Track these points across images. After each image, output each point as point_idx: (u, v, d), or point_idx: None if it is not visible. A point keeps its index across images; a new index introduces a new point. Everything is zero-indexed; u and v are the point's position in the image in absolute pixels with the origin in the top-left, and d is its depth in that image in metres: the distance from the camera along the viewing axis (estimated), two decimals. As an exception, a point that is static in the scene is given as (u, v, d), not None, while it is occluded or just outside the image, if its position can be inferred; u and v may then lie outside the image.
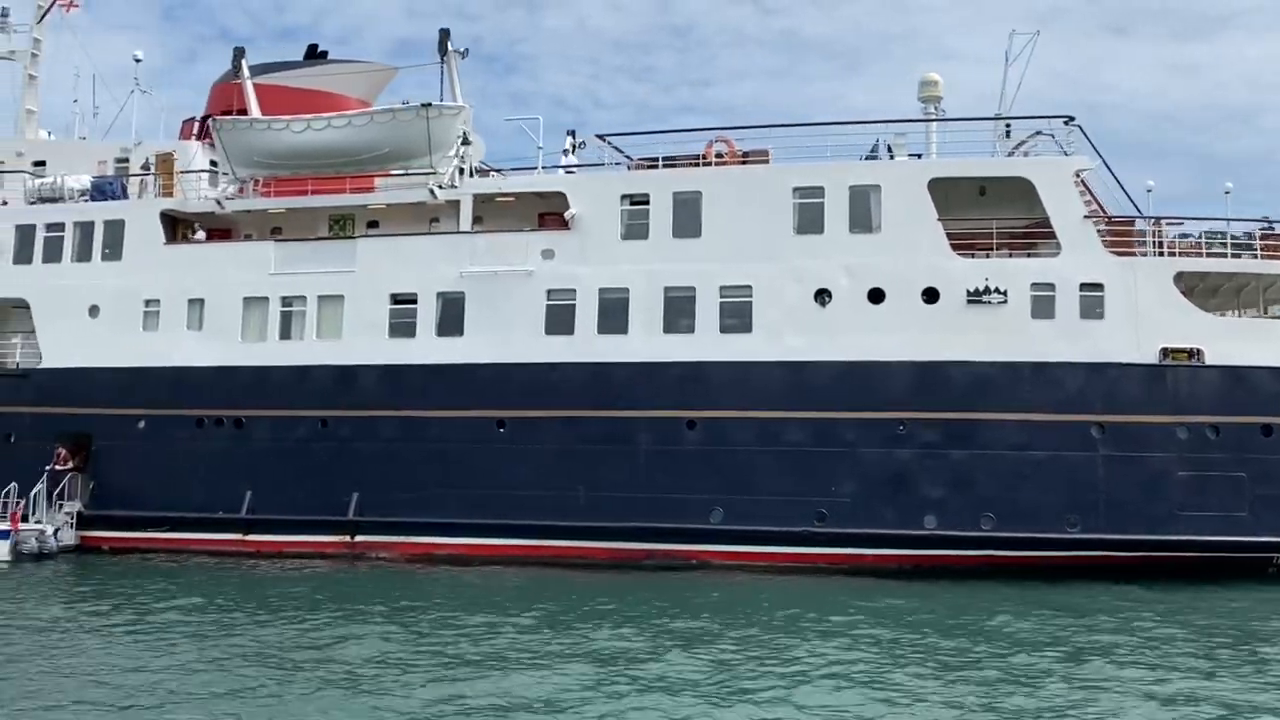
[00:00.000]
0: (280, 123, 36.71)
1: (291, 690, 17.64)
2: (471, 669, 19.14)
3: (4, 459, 36.77)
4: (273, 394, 35.62)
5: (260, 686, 17.81)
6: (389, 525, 34.30)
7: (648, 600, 26.41)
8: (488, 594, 27.87)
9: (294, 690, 17.65)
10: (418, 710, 16.53)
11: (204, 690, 17.52)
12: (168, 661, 19.66)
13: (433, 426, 34.30)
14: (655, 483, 32.61)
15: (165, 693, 17.31)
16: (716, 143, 34.22)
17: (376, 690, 17.64)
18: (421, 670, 19.08)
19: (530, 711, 16.48)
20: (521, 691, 17.37)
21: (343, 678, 18.46)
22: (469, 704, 16.79)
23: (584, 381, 33.39)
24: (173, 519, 35.66)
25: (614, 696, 17.24)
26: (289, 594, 27.75)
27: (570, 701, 16.92)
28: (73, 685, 17.88)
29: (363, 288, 35.44)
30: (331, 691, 17.52)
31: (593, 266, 33.79)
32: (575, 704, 16.82)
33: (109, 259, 37.83)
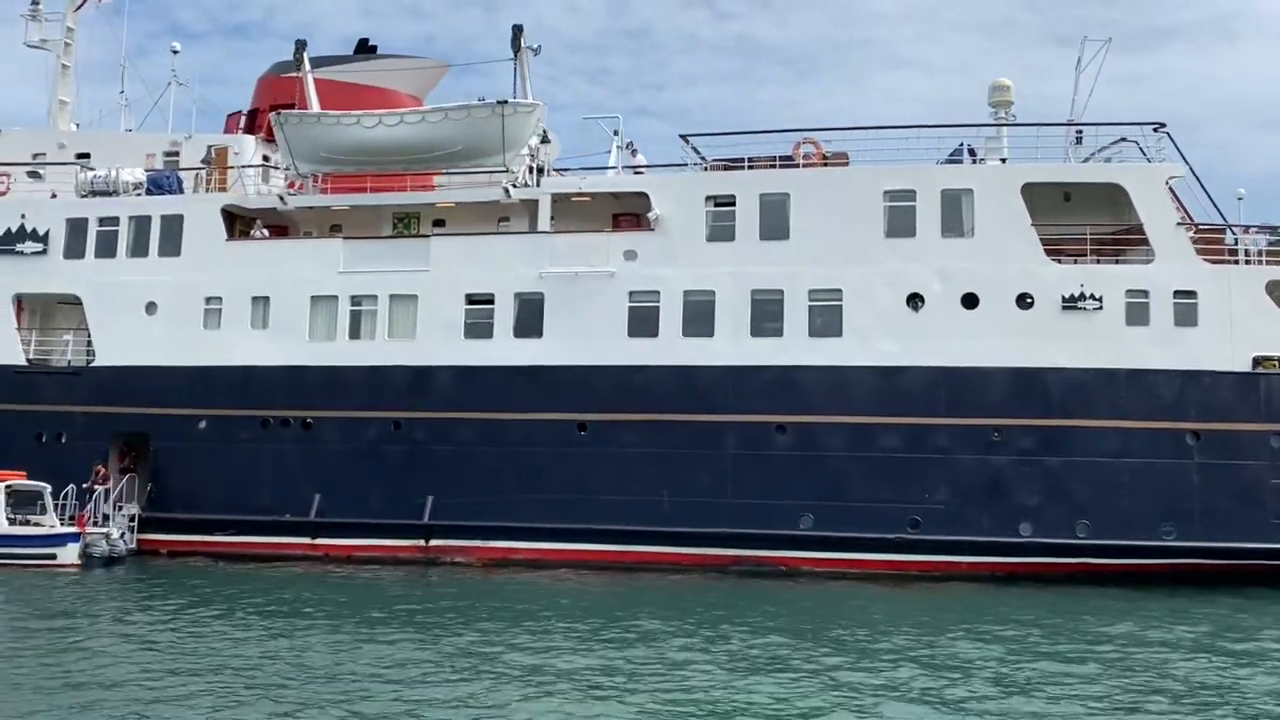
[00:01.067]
0: (350, 118, 35.90)
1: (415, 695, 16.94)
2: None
3: (55, 459, 35.60)
4: (343, 395, 34.81)
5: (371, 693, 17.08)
6: (465, 529, 33.57)
7: (767, 606, 25.85)
8: (606, 599, 27.20)
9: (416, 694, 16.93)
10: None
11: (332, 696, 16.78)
12: (282, 668, 18.83)
13: (511, 429, 33.65)
14: (743, 488, 32.16)
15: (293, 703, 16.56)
16: (804, 144, 33.79)
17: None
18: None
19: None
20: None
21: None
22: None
23: (669, 385, 32.88)
24: (238, 522, 34.63)
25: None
26: (394, 599, 26.97)
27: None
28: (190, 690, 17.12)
29: (437, 287, 34.71)
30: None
31: (677, 268, 33.29)
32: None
33: (167, 255, 36.81)
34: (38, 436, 36.68)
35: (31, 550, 31.49)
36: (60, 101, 43.70)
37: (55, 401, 36.72)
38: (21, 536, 31.73)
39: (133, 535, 34.90)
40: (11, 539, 31.65)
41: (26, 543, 31.61)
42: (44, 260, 37.67)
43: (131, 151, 39.92)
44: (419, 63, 42.82)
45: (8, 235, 38.01)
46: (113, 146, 40.36)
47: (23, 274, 37.82)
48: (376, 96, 40.77)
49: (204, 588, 28.41)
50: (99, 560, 32.12)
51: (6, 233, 38.02)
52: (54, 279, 37.67)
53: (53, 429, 36.68)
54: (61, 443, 36.55)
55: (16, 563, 31.45)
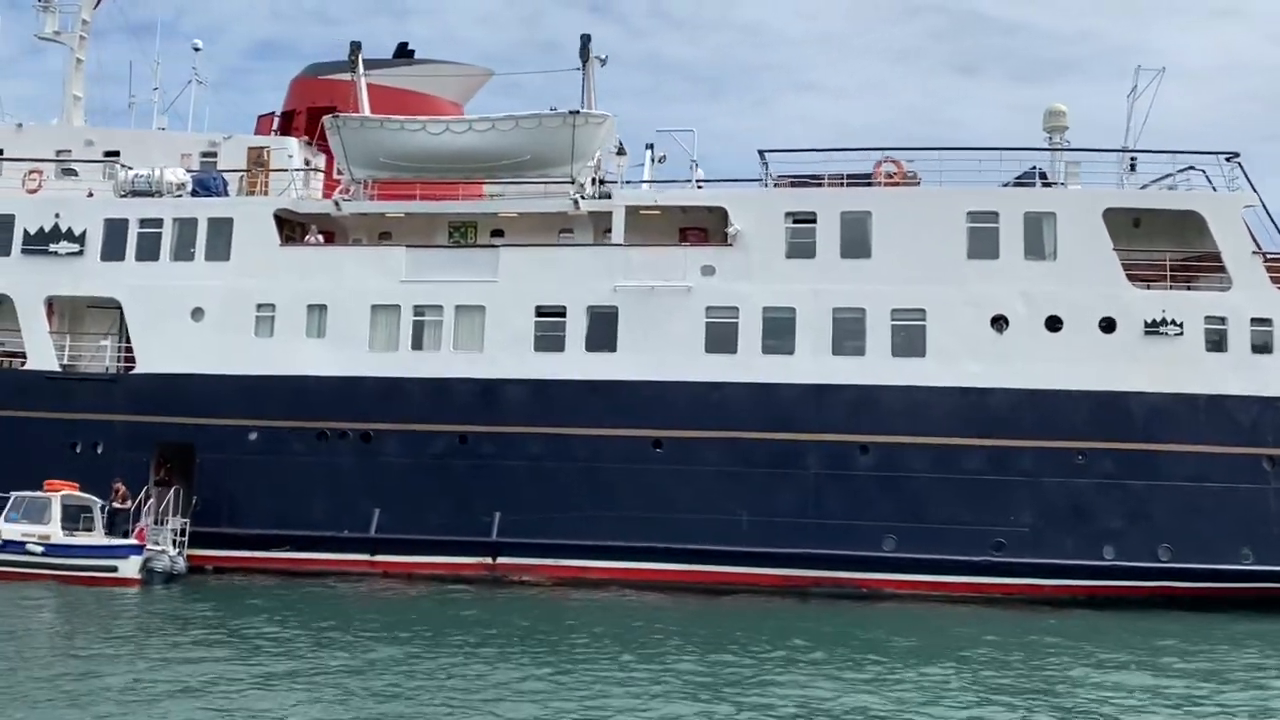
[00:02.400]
0: (415, 123, 34.97)
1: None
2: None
3: (91, 470, 34.01)
4: (405, 407, 33.76)
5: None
6: (534, 547, 32.72)
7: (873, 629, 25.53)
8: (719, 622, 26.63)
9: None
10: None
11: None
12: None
13: (583, 444, 32.91)
14: (824, 508, 31.82)
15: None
16: (885, 163, 33.66)
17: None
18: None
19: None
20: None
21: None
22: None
23: (748, 402, 32.44)
24: (292, 538, 33.36)
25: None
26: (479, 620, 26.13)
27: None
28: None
29: (506, 298, 33.88)
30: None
31: (756, 284, 32.91)
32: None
33: (214, 259, 35.45)
34: (72, 445, 35.04)
35: (92, 561, 30.01)
36: (74, 97, 42.07)
37: (92, 409, 35.11)
38: (82, 546, 30.26)
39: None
40: (72, 549, 30.16)
41: (87, 553, 30.16)
42: (80, 261, 36.07)
43: (166, 151, 38.46)
44: (462, 69, 41.96)
45: (40, 235, 36.35)
46: (145, 145, 38.86)
47: (56, 275, 36.18)
48: (418, 102, 39.95)
49: (279, 608, 27.16)
50: (160, 576, 30.65)
51: (39, 232, 36.37)
52: (90, 281, 36.07)
53: (89, 438, 35.06)
54: (98, 452, 34.96)
55: (74, 574, 29.97)
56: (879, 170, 33.61)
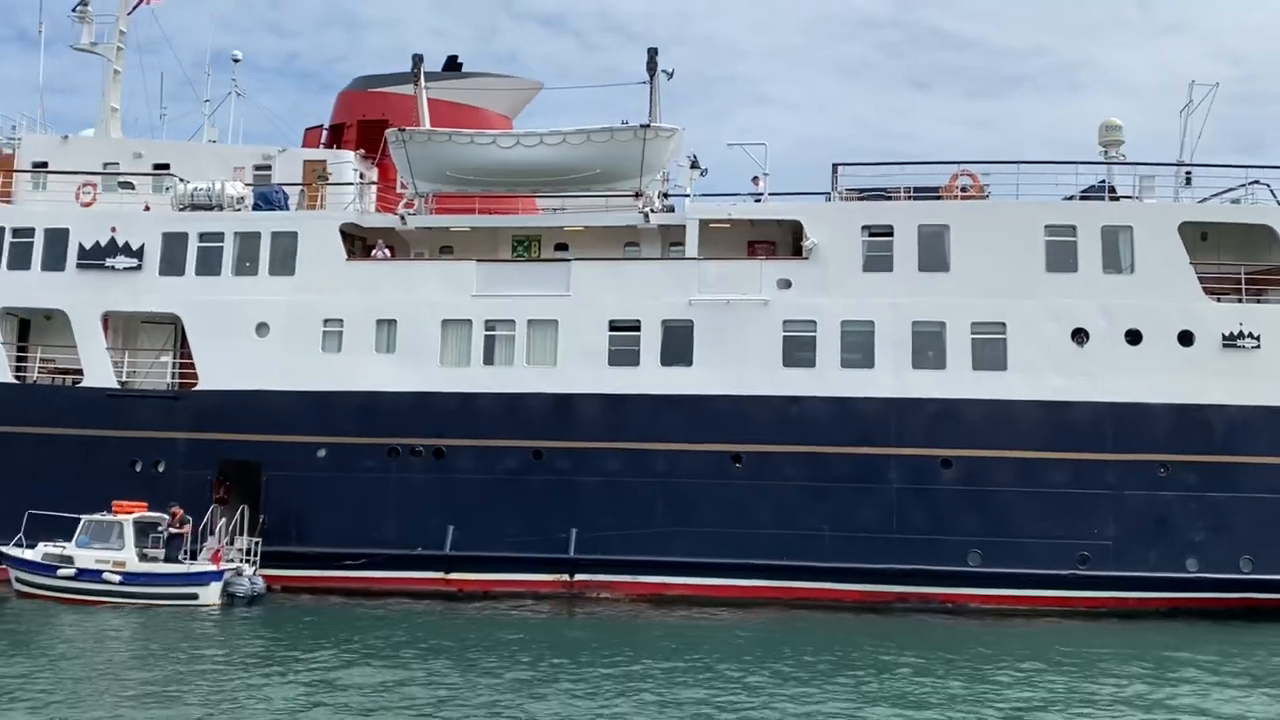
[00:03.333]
0: (485, 137, 34.64)
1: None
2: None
3: (152, 488, 33.37)
4: (478, 422, 33.37)
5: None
6: (612, 564, 32.39)
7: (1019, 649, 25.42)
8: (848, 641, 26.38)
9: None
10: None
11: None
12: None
13: (661, 459, 32.66)
14: (908, 523, 31.70)
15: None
16: (961, 176, 33.67)
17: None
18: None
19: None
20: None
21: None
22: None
23: (828, 416, 32.29)
24: (367, 556, 32.85)
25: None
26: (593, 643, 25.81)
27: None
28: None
29: (578, 313, 33.58)
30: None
31: (833, 298, 32.80)
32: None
33: (279, 274, 34.93)
34: (131, 464, 34.36)
35: (174, 590, 29.34)
36: (112, 109, 41.37)
37: (153, 427, 34.47)
38: (163, 575, 29.62)
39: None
40: (153, 577, 29.52)
41: (169, 581, 29.51)
42: (137, 276, 35.42)
43: (218, 164, 37.90)
44: (513, 82, 41.66)
45: (96, 249, 35.68)
46: (196, 158, 38.28)
47: (112, 290, 35.52)
48: (468, 115, 39.59)
49: (371, 630, 26.71)
50: (242, 600, 30.01)
51: (95, 246, 35.69)
52: (148, 296, 35.43)
53: (149, 456, 34.42)
54: (158, 471, 34.32)
55: (155, 602, 29.31)
56: (954, 183, 33.60)
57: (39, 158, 38.97)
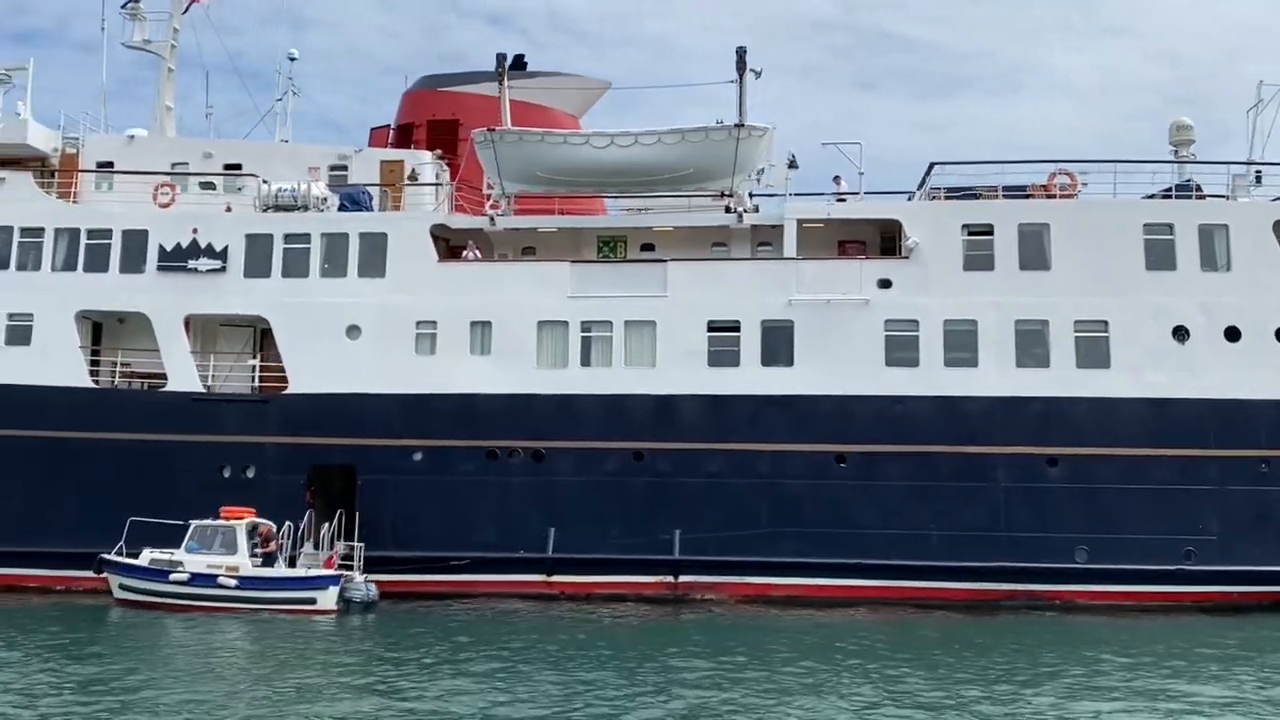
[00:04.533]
0: (579, 137, 34.40)
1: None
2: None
3: (241, 495, 32.81)
4: (577, 424, 33.12)
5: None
6: (717, 565, 32.26)
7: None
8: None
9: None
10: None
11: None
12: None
13: (764, 460, 32.57)
14: (1015, 521, 31.82)
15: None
16: (1059, 175, 33.84)
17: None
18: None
19: None
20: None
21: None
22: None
23: (933, 416, 32.35)
24: (466, 559, 32.49)
25: None
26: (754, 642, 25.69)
27: None
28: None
29: (676, 314, 33.43)
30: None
31: (935, 297, 32.86)
32: None
33: (368, 275, 34.48)
34: (220, 469, 33.79)
35: (291, 595, 28.86)
36: (166, 107, 40.72)
37: (242, 432, 33.90)
38: (281, 579, 29.12)
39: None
40: (270, 582, 29.00)
41: (286, 586, 29.01)
42: (221, 279, 34.83)
43: (292, 164, 37.31)
44: (581, 81, 41.39)
45: (178, 251, 35.05)
46: (269, 158, 37.68)
47: (195, 293, 34.92)
48: (537, 114, 39.27)
49: (501, 636, 26.39)
50: (358, 605, 29.56)
51: (176, 248, 35.06)
52: (234, 299, 34.86)
53: (238, 462, 33.84)
54: (247, 476, 33.76)
55: (270, 608, 28.83)
56: (1052, 182, 33.78)
57: (103, 158, 38.25)
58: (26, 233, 35.74)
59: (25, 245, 35.74)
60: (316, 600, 28.84)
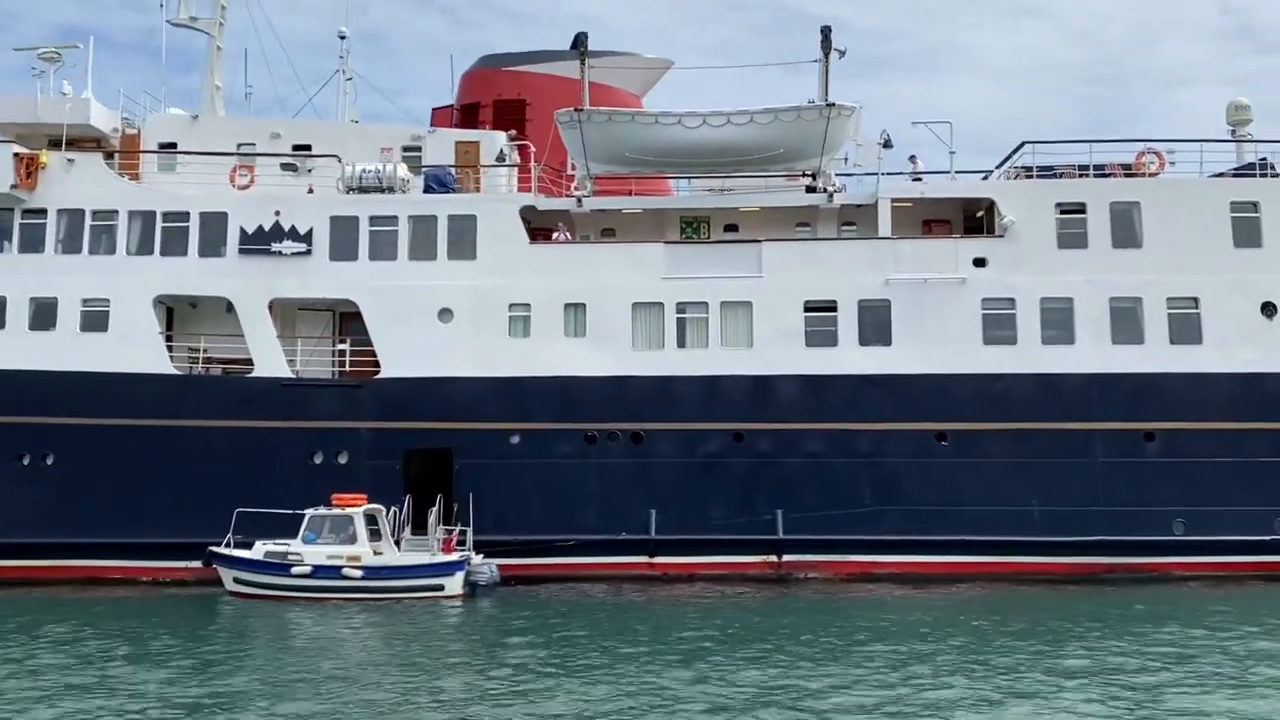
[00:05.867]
0: (670, 117, 34.14)
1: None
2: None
3: (334, 481, 32.41)
4: (675, 406, 33.10)
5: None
6: (819, 544, 32.46)
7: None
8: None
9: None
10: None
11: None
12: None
13: (864, 439, 32.79)
14: (1113, 495, 32.33)
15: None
16: (1147, 154, 34.30)
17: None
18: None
19: None
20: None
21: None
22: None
23: (1032, 393, 32.73)
24: (567, 542, 32.38)
25: None
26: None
27: None
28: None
29: (773, 294, 33.48)
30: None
31: (1031, 275, 33.21)
32: None
33: (458, 258, 34.11)
34: (311, 455, 33.32)
35: (420, 581, 28.59)
36: (216, 86, 39.90)
37: (335, 417, 33.44)
38: (409, 567, 28.84)
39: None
40: (397, 570, 28.72)
41: (414, 573, 28.74)
42: (306, 262, 34.26)
43: (363, 144, 36.74)
44: (643, 61, 41.13)
45: (260, 234, 34.41)
46: (339, 138, 37.05)
47: (280, 276, 34.32)
48: (601, 93, 38.96)
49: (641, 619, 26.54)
50: (485, 589, 29.35)
51: (259, 231, 34.41)
52: (320, 283, 34.32)
53: (331, 447, 33.39)
54: (340, 462, 33.33)
55: (398, 596, 28.56)
56: (1140, 160, 34.26)
57: (166, 138, 37.45)
58: (99, 215, 34.90)
59: (97, 229, 34.89)
60: (444, 586, 28.58)
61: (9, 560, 33.29)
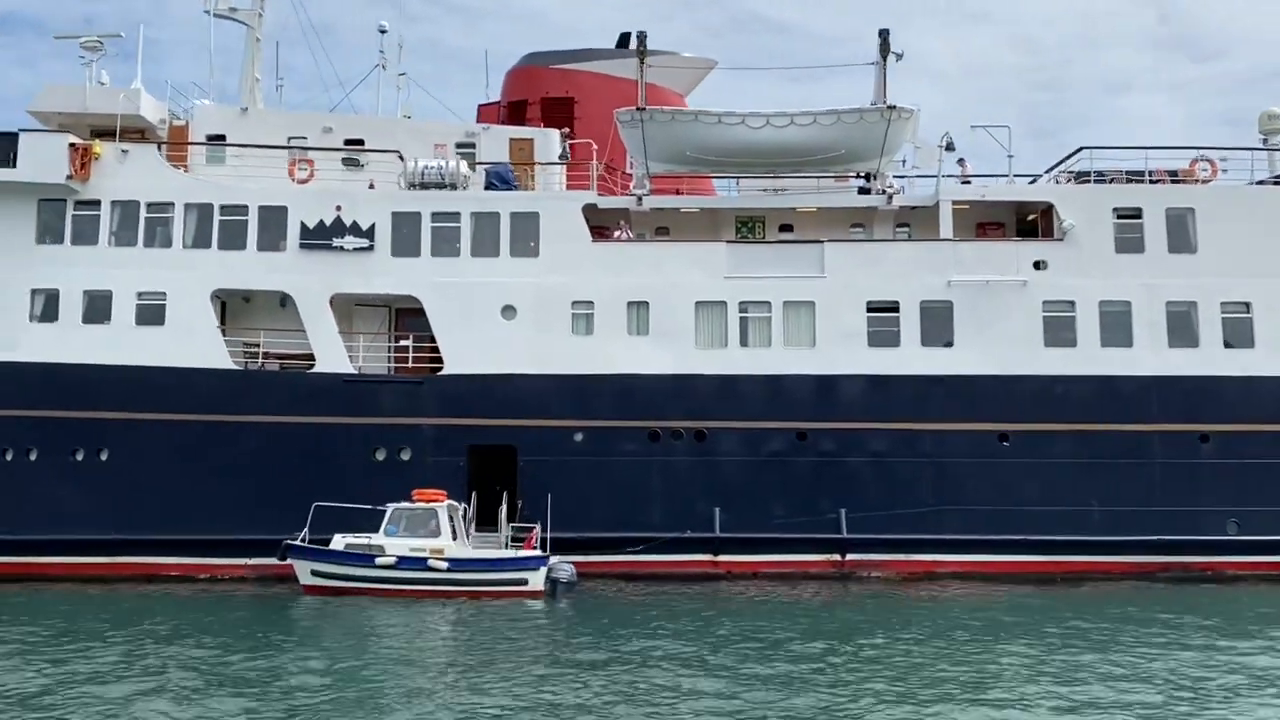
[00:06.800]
0: (734, 117, 34.26)
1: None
2: None
3: (396, 477, 32.33)
4: (739, 404, 33.30)
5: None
6: (883, 543, 32.79)
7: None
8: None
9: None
10: None
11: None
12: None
13: (926, 439, 33.14)
14: (1170, 496, 32.90)
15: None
16: (1200, 161, 34.92)
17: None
18: None
19: None
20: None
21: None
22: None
23: (1090, 395, 33.23)
24: (643, 541, 32.48)
25: None
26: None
27: None
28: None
29: (835, 294, 33.76)
30: None
31: (1090, 279, 33.72)
32: None
33: (521, 255, 34.11)
34: (372, 452, 33.19)
35: (505, 576, 28.60)
36: (255, 79, 39.57)
37: (398, 413, 33.33)
38: (495, 561, 28.82)
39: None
40: (483, 564, 28.69)
41: (500, 567, 28.72)
42: (368, 258, 34.12)
43: (417, 140, 36.64)
44: (687, 61, 41.25)
45: (321, 228, 34.21)
46: (392, 134, 36.94)
47: (341, 272, 34.15)
48: (653, 93, 38.81)
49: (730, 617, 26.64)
50: (565, 585, 29.35)
51: (320, 225, 34.21)
52: (382, 279, 34.18)
53: (393, 444, 33.27)
54: (402, 459, 33.22)
55: (482, 590, 28.54)
56: (1194, 168, 34.87)
57: (214, 130, 37.13)
58: (154, 207, 34.56)
59: (152, 221, 34.54)
60: (528, 582, 28.58)
61: (61, 557, 32.88)
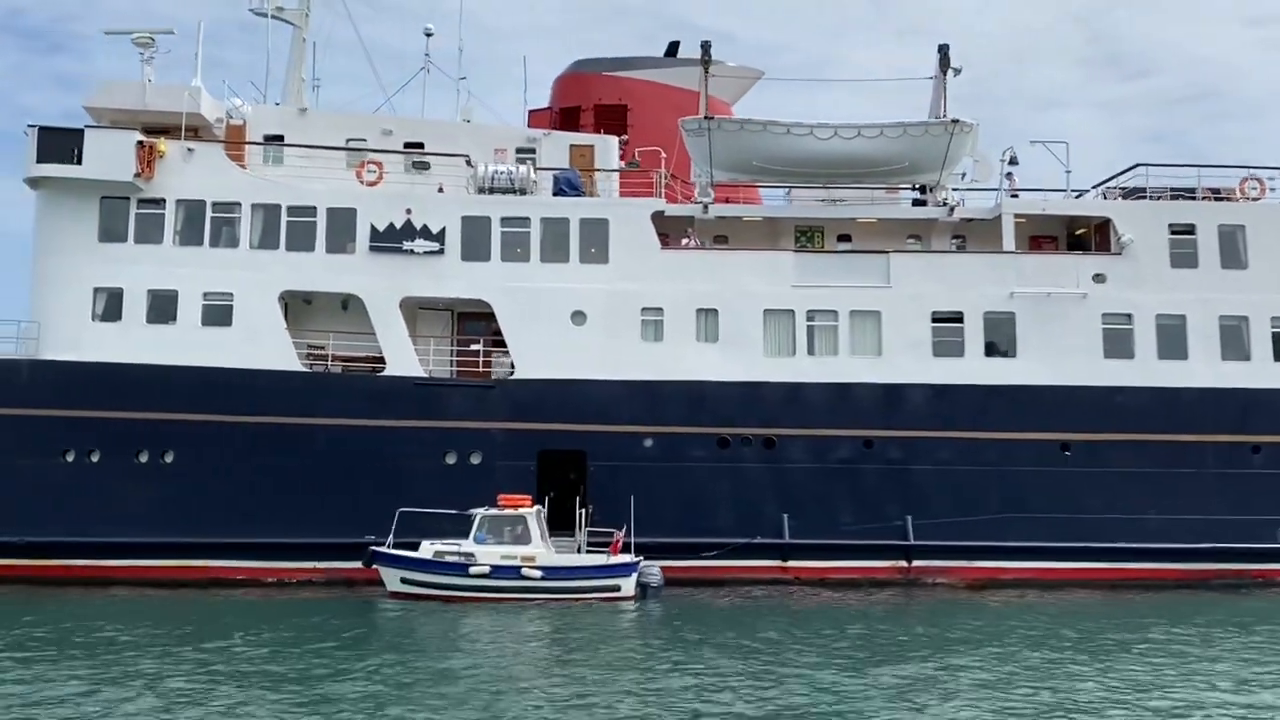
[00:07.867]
0: (802, 128, 34.77)
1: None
2: None
3: (466, 481, 32.49)
4: (807, 412, 33.74)
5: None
6: (948, 550, 33.40)
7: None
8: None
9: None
10: None
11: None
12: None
13: (991, 448, 33.77)
14: (1223, 504, 33.81)
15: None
16: (1250, 180, 35.90)
17: None
18: None
19: None
20: None
21: None
22: None
23: (1150, 405, 34.06)
24: (715, 547, 32.81)
25: None
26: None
27: None
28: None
29: (901, 304, 34.33)
30: None
31: (1147, 292, 34.57)
32: None
33: (591, 261, 34.33)
34: (442, 456, 33.23)
35: (598, 582, 28.79)
36: (301, 79, 39.49)
37: (469, 417, 33.38)
38: (588, 568, 29.00)
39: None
40: (577, 571, 28.87)
41: (593, 574, 28.93)
42: (438, 261, 34.15)
43: (477, 144, 36.71)
44: (735, 70, 41.59)
45: (391, 231, 34.18)
46: (453, 137, 36.98)
47: (411, 276, 34.16)
48: (691, 100, 39.40)
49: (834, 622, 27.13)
50: (655, 590, 29.61)
51: (389, 228, 34.19)
52: (452, 283, 34.23)
53: (464, 447, 33.32)
54: (473, 463, 33.28)
55: (576, 596, 28.71)
56: (1244, 186, 35.84)
57: (272, 130, 36.98)
58: (219, 207, 34.35)
59: (218, 220, 34.33)
60: (620, 587, 28.79)
61: (123, 560, 32.55)
